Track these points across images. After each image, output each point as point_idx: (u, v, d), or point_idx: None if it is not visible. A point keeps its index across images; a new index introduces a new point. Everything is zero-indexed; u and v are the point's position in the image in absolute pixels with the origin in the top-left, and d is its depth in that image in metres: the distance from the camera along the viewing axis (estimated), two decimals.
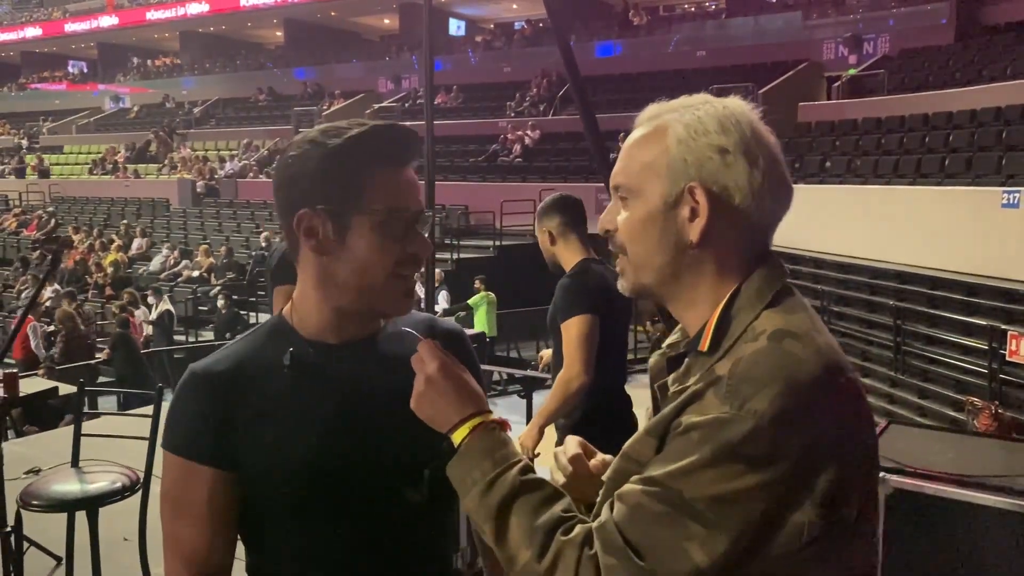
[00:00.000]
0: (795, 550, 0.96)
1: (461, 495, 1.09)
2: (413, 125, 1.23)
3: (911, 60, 16.19)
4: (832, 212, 11.27)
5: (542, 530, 1.01)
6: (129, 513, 3.28)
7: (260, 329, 1.29)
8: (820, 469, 0.95)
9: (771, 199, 1.06)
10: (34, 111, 32.55)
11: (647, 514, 0.96)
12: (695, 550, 0.94)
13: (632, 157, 1.11)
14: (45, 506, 2.87)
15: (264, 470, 1.19)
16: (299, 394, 1.20)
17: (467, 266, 13.89)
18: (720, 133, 1.05)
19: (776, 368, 0.96)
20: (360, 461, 1.20)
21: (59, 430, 6.26)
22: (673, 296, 1.11)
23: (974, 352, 8.14)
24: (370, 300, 1.21)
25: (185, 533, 1.20)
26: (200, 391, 1.20)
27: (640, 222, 1.09)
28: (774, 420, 0.93)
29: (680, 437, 0.98)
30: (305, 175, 1.19)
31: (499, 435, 1.10)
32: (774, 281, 1.06)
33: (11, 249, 19.44)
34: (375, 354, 1.26)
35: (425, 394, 1.12)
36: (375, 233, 1.17)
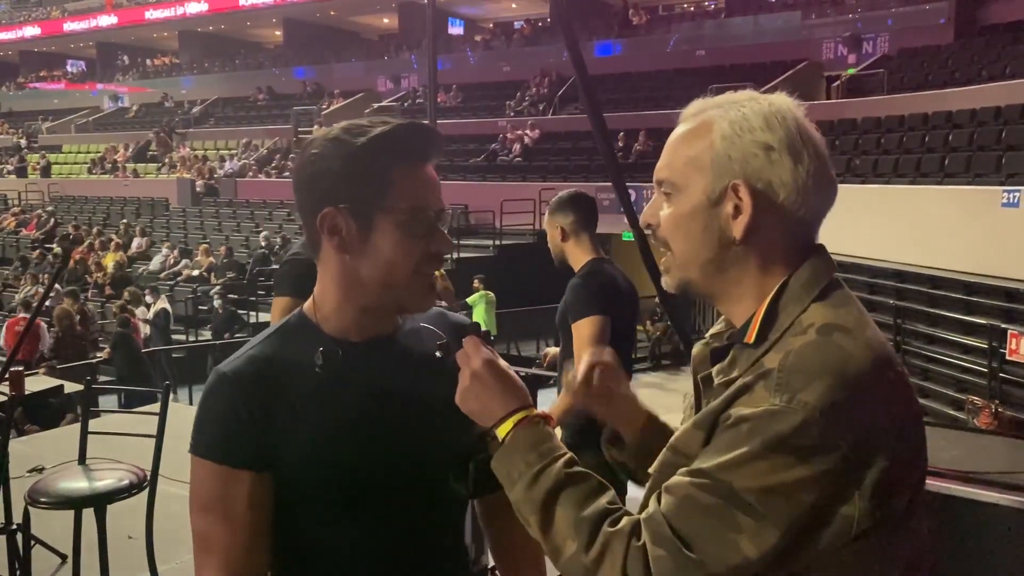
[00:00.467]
0: (844, 543, 0.96)
1: (507, 488, 1.09)
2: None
3: (910, 60, 16.21)
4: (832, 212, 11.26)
5: (588, 521, 1.01)
6: (132, 511, 3.28)
7: (283, 327, 1.27)
8: (869, 462, 0.95)
9: (816, 195, 1.07)
10: (33, 110, 32.53)
11: (696, 506, 0.97)
12: (745, 542, 0.95)
13: (676, 152, 1.11)
14: (53, 503, 2.87)
15: (300, 471, 1.18)
16: (330, 393, 1.20)
17: (467, 265, 13.88)
18: (765, 130, 1.05)
19: (826, 361, 0.96)
20: (392, 459, 1.20)
21: (60, 429, 6.25)
22: (718, 292, 1.11)
23: (974, 351, 8.16)
24: (395, 297, 1.21)
25: (222, 540, 1.17)
26: (232, 393, 1.18)
27: (684, 217, 1.09)
28: (824, 412, 0.94)
29: (730, 429, 0.98)
30: (328, 173, 1.18)
31: (543, 429, 1.11)
32: (822, 275, 1.07)
33: (10, 248, 19.41)
34: (397, 351, 1.26)
35: (471, 389, 1.13)
36: (399, 231, 1.18)
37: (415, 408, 1.22)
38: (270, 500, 1.19)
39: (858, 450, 0.95)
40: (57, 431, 6.11)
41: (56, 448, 4.94)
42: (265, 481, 1.18)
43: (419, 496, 1.23)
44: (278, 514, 1.21)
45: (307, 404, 1.19)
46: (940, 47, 16.17)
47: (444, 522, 1.29)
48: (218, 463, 1.17)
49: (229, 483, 1.17)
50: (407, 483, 1.22)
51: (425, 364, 1.20)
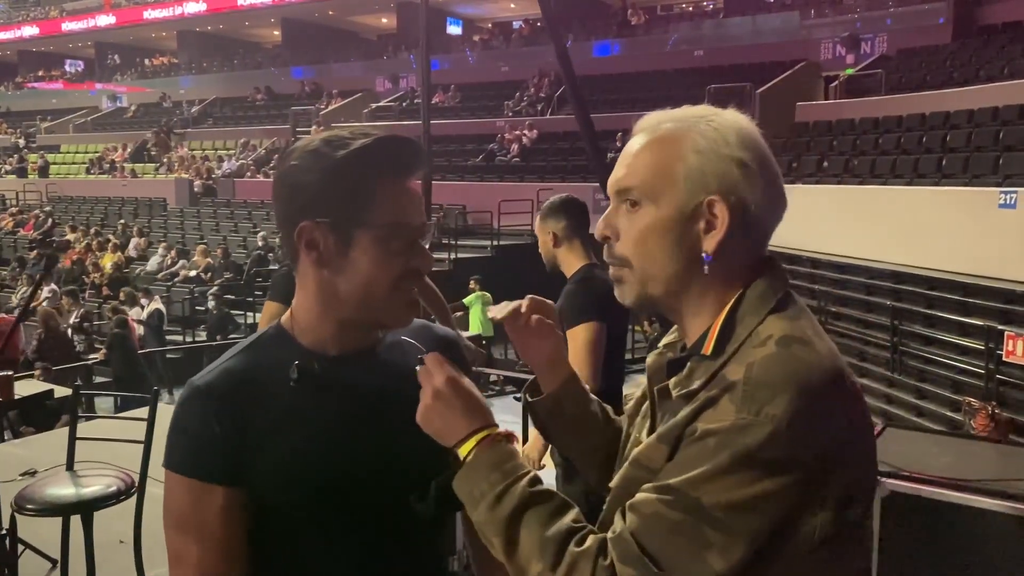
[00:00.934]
0: (808, 551, 0.97)
1: (469, 509, 1.08)
2: (411, 124, 1.22)
3: (908, 60, 16.21)
4: (829, 212, 11.27)
5: (553, 541, 1.00)
6: (126, 516, 3.26)
7: (259, 340, 1.25)
8: (834, 471, 0.96)
9: (774, 212, 1.09)
10: (31, 110, 32.50)
11: (664, 523, 0.96)
12: (713, 558, 0.94)
13: (642, 163, 1.09)
14: (39, 510, 2.85)
15: (274, 487, 1.16)
16: (306, 408, 1.18)
17: (464, 266, 13.87)
18: (740, 147, 1.05)
19: (789, 373, 0.96)
20: (368, 476, 1.19)
21: (55, 431, 6.23)
22: (679, 306, 1.10)
23: (971, 352, 8.15)
24: (373, 314, 1.19)
25: (196, 553, 1.16)
26: (204, 407, 1.16)
27: (651, 230, 1.07)
28: (790, 425, 0.93)
29: (696, 443, 0.97)
30: (307, 186, 1.16)
31: (506, 447, 1.09)
32: (778, 287, 1.07)
33: (8, 249, 19.39)
34: (376, 365, 1.24)
35: (433, 407, 1.11)
36: (378, 247, 1.15)
37: (392, 424, 1.20)
38: (244, 516, 1.17)
39: (823, 461, 0.96)
40: (51, 433, 6.09)
41: (50, 451, 4.92)
42: (238, 496, 1.16)
43: (396, 513, 1.21)
44: (253, 530, 1.19)
45: (282, 419, 1.17)
46: (938, 47, 16.16)
47: (422, 540, 1.26)
48: (191, 478, 1.16)
49: (202, 498, 1.15)
50: (383, 500, 1.20)
51: (405, 379, 1.18)
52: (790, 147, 14.75)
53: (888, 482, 2.57)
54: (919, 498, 2.52)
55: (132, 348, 10.16)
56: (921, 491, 2.52)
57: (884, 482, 2.58)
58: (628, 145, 1.13)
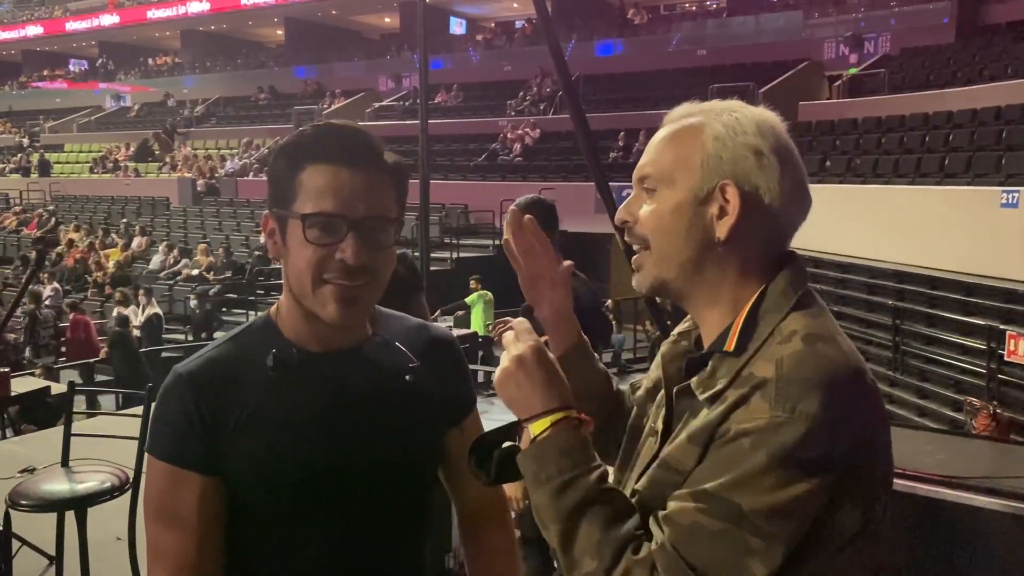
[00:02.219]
0: (839, 548, 0.97)
1: (531, 488, 1.05)
2: (413, 124, 1.20)
3: (912, 59, 16.18)
4: (831, 211, 11.24)
5: (612, 544, 0.99)
6: (122, 513, 3.27)
7: (246, 329, 1.26)
8: (864, 468, 0.97)
9: (795, 205, 1.08)
10: (35, 110, 32.58)
11: (705, 533, 0.95)
12: (755, 564, 0.94)
13: (663, 150, 1.10)
14: (34, 506, 2.86)
15: (249, 474, 1.16)
16: (283, 397, 1.18)
17: (466, 265, 13.87)
18: (757, 135, 1.06)
19: (820, 370, 0.96)
20: (342, 468, 1.19)
21: (55, 429, 6.23)
22: (693, 293, 1.10)
23: (973, 352, 8.14)
24: (308, 304, 1.18)
25: (172, 543, 1.16)
26: (185, 394, 1.17)
27: (668, 214, 1.08)
28: (825, 422, 0.93)
29: (729, 444, 0.96)
30: (268, 178, 1.20)
31: (581, 434, 1.06)
32: (798, 284, 1.07)
33: (11, 248, 19.45)
34: (360, 363, 1.23)
35: (513, 374, 1.07)
36: (301, 236, 1.14)
37: (371, 419, 1.20)
38: (221, 505, 1.18)
39: (855, 458, 0.95)
40: (51, 431, 6.10)
41: (49, 448, 4.92)
42: (216, 485, 1.17)
43: (371, 505, 1.21)
44: (230, 520, 1.19)
45: (259, 410, 1.17)
46: (942, 47, 16.14)
47: (398, 532, 1.26)
48: (169, 464, 1.17)
49: (180, 484, 1.16)
50: (358, 493, 1.20)
51: (388, 378, 1.17)
52: None
53: None
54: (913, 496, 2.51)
55: (133, 347, 10.19)
56: (916, 488, 2.51)
57: None
58: (654, 137, 1.14)
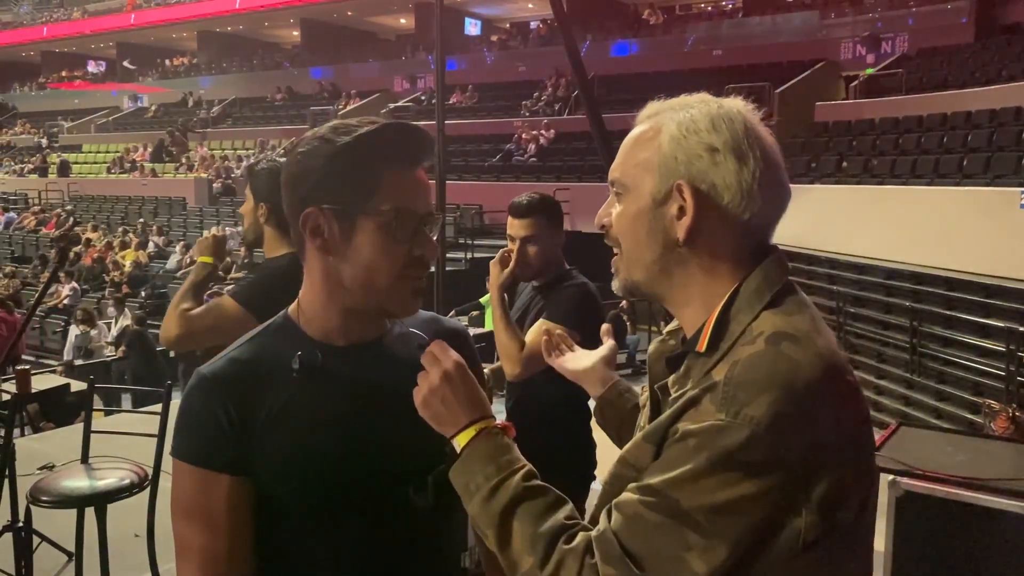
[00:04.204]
0: (793, 555, 0.95)
1: (464, 500, 1.08)
2: (427, 124, 1.22)
3: (930, 59, 16.06)
4: (848, 212, 11.19)
5: (545, 537, 1.01)
6: (140, 509, 3.29)
7: (267, 329, 1.26)
8: (818, 474, 0.94)
9: (763, 199, 1.05)
10: (54, 110, 32.85)
11: (645, 524, 0.96)
12: (694, 560, 0.94)
13: (628, 154, 1.11)
14: (54, 502, 2.88)
15: (277, 475, 1.16)
16: (309, 398, 1.18)
17: (481, 265, 13.87)
18: (711, 131, 1.04)
19: (773, 373, 0.94)
20: (371, 465, 1.19)
21: (74, 427, 6.29)
22: (665, 294, 1.11)
23: (991, 354, 8.06)
24: (377, 301, 1.19)
25: (203, 546, 1.16)
26: (210, 396, 1.16)
27: (630, 218, 1.09)
28: (770, 427, 0.92)
29: (677, 444, 0.97)
30: (313, 172, 1.16)
31: (503, 440, 1.09)
32: (774, 280, 1.05)
33: (30, 247, 19.62)
34: (383, 356, 1.24)
35: (438, 391, 1.11)
36: (381, 234, 1.15)
37: (397, 415, 1.19)
38: (250, 504, 1.17)
39: (806, 464, 0.93)
40: (70, 429, 6.16)
41: (68, 446, 4.96)
42: (244, 485, 1.16)
43: (399, 505, 1.20)
44: (259, 520, 1.19)
45: (285, 409, 1.17)
46: (960, 47, 16.00)
47: (427, 533, 1.26)
48: (197, 466, 1.16)
49: (209, 486, 1.16)
50: (386, 491, 1.20)
51: (410, 370, 1.17)
52: (809, 147, 14.64)
53: (903, 481, 2.54)
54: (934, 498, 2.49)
55: (150, 346, 10.24)
56: (935, 490, 2.50)
57: (899, 481, 2.55)
58: (627, 137, 1.14)
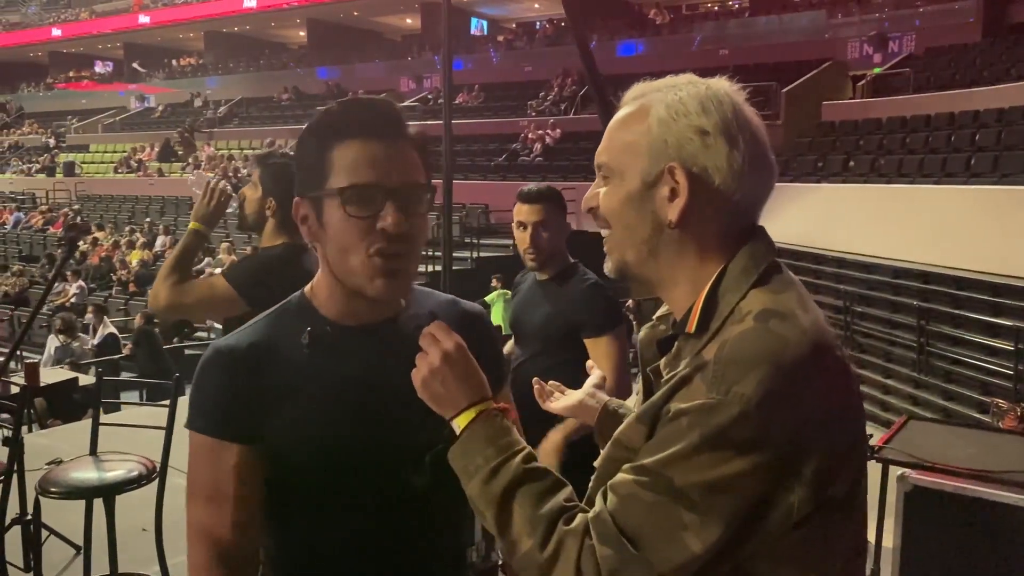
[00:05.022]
0: (786, 530, 0.96)
1: (463, 481, 1.09)
2: (435, 124, 1.21)
3: (937, 59, 16.00)
4: (856, 212, 11.16)
5: (544, 519, 1.01)
6: (146, 504, 3.30)
7: (283, 308, 1.28)
8: (809, 450, 0.95)
9: (752, 179, 1.06)
10: (61, 110, 32.97)
11: (640, 503, 0.97)
12: (690, 537, 0.94)
13: (614, 137, 1.11)
14: (63, 493, 2.90)
15: (287, 447, 1.17)
16: (319, 373, 1.19)
17: (487, 264, 13.90)
18: (701, 114, 1.05)
19: (761, 350, 0.95)
20: (374, 444, 1.19)
21: (81, 423, 6.31)
22: (653, 276, 1.11)
23: (999, 353, 8.03)
24: (353, 283, 1.18)
25: (212, 517, 1.17)
26: (224, 368, 1.18)
27: (619, 201, 1.09)
28: (760, 404, 0.93)
29: (669, 424, 0.98)
30: (297, 163, 1.21)
31: (503, 422, 1.10)
32: (760, 259, 1.05)
33: (38, 246, 19.70)
34: (394, 337, 1.24)
35: (438, 372, 1.10)
36: (339, 213, 1.15)
37: (403, 395, 1.19)
38: (260, 476, 1.18)
39: (796, 439, 0.94)
40: (76, 425, 6.17)
41: (75, 441, 4.98)
42: (255, 456, 1.18)
43: (406, 484, 1.21)
44: (267, 495, 1.20)
45: (295, 384, 1.19)
46: (967, 46, 15.95)
47: (430, 517, 1.25)
48: (209, 436, 1.18)
49: (220, 457, 1.17)
50: (389, 471, 1.20)
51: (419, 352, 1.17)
52: (816, 146, 14.61)
53: (911, 476, 2.53)
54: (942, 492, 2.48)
55: (158, 344, 10.26)
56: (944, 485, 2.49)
57: (908, 476, 2.54)
58: (612, 118, 1.14)
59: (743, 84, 1.17)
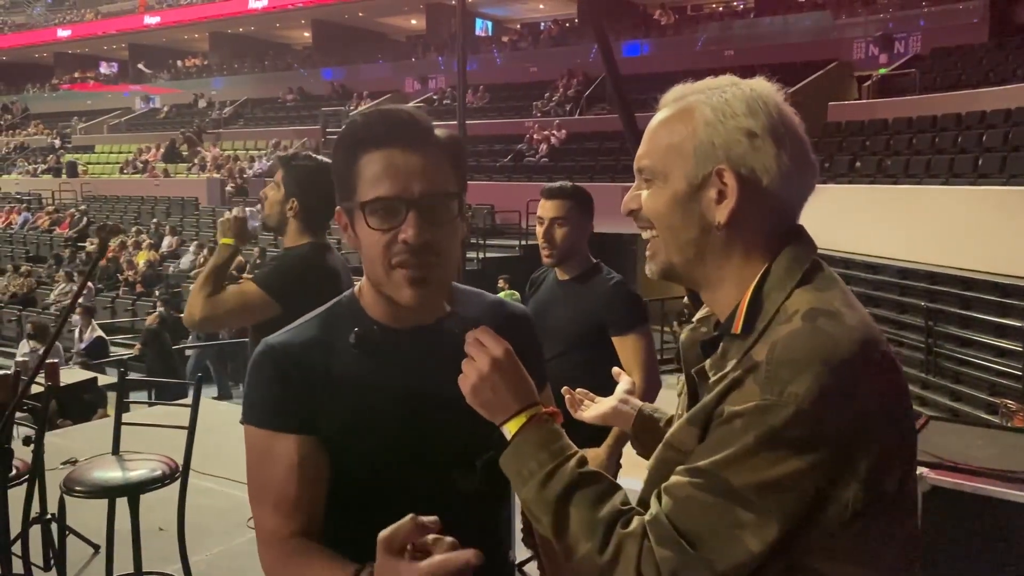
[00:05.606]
0: (841, 526, 0.97)
1: (516, 487, 1.10)
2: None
3: (943, 59, 15.99)
4: (862, 212, 11.15)
5: (603, 523, 1.02)
6: (162, 505, 3.32)
7: (332, 308, 1.29)
8: (862, 446, 0.96)
9: (798, 179, 1.07)
10: (67, 111, 33.02)
11: (697, 505, 0.98)
12: (748, 537, 0.95)
13: (658, 139, 1.11)
14: (88, 492, 2.92)
15: (335, 444, 1.19)
16: (366, 371, 1.21)
17: (493, 265, 13.89)
18: (748, 116, 1.06)
19: (812, 350, 0.96)
20: (419, 446, 1.21)
21: (93, 423, 6.34)
22: (699, 277, 1.12)
23: (1008, 354, 8.03)
24: (384, 290, 1.21)
25: (272, 513, 1.19)
26: (277, 362, 1.20)
27: (664, 203, 1.09)
28: (814, 403, 0.94)
29: (723, 426, 0.99)
30: (333, 173, 1.23)
31: (553, 427, 1.11)
32: (803, 258, 1.06)
33: (44, 247, 19.74)
34: (438, 339, 1.25)
35: (488, 377, 1.11)
36: (366, 224, 1.17)
37: (448, 398, 1.21)
38: (317, 464, 1.19)
39: (850, 436, 0.95)
40: (89, 425, 6.20)
41: (89, 441, 5.00)
42: (313, 445, 1.19)
43: (438, 489, 1.22)
44: None
45: (344, 382, 1.20)
46: (974, 46, 15.93)
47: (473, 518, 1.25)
48: (267, 429, 1.20)
49: (278, 449, 1.19)
50: (433, 474, 1.22)
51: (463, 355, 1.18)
52: (822, 147, 14.60)
53: (929, 476, 2.53)
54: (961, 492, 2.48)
55: (167, 345, 10.30)
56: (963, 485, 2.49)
57: (926, 476, 2.54)
58: (651, 121, 1.14)
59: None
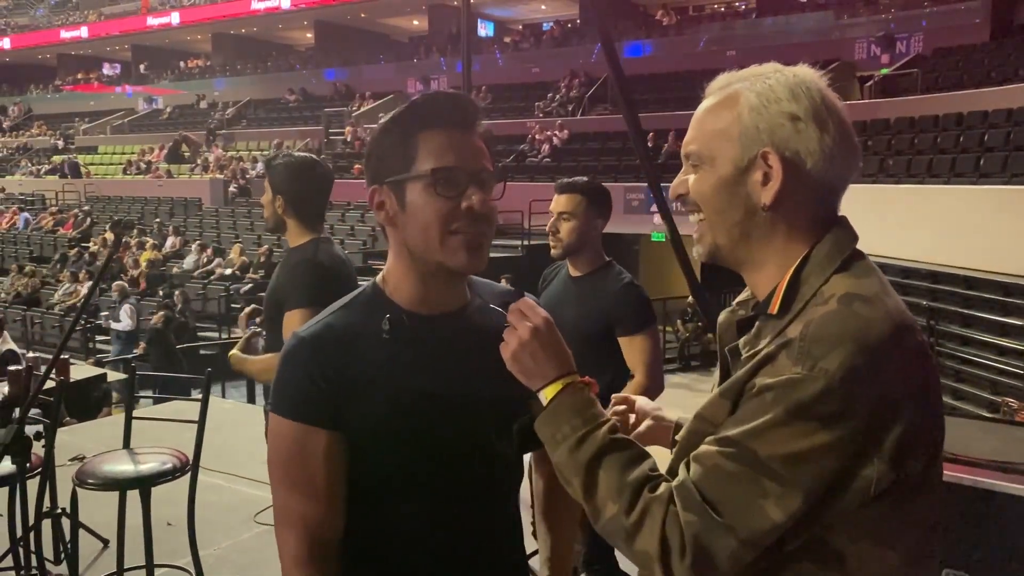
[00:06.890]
0: (865, 503, 1.00)
1: (550, 449, 1.13)
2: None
3: (945, 59, 16.01)
4: (864, 211, 11.10)
5: (631, 486, 1.05)
6: (170, 499, 3.35)
7: (357, 298, 1.32)
8: (888, 425, 0.99)
9: (842, 162, 1.10)
10: (70, 112, 33.07)
11: (723, 473, 1.00)
12: (771, 507, 0.98)
13: (704, 125, 1.15)
14: (100, 484, 2.95)
15: (369, 436, 1.22)
16: (399, 359, 1.24)
17: (496, 265, 13.92)
18: (791, 100, 1.09)
19: (846, 329, 0.99)
20: (455, 431, 1.24)
21: (100, 420, 6.39)
22: (743, 258, 1.15)
23: (1009, 352, 8.05)
24: (437, 260, 1.24)
25: (300, 501, 1.21)
26: (309, 355, 1.22)
27: (711, 187, 1.13)
28: (844, 379, 0.96)
29: (754, 398, 1.01)
30: (371, 156, 1.27)
31: (588, 394, 1.15)
32: (844, 246, 1.10)
33: (48, 247, 19.78)
34: (465, 325, 1.30)
35: (527, 346, 1.15)
36: (426, 194, 1.21)
37: (479, 382, 1.25)
38: (344, 460, 1.23)
39: (877, 415, 0.98)
40: (96, 422, 6.24)
41: (96, 438, 5.05)
42: (340, 441, 1.22)
43: (480, 469, 1.27)
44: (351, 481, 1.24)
45: (377, 370, 1.23)
46: (975, 46, 15.96)
47: (502, 494, 1.33)
48: (295, 420, 1.22)
49: (306, 439, 1.21)
50: (469, 455, 1.25)
51: (491, 339, 1.22)
52: None
53: None
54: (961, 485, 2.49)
55: (171, 344, 10.34)
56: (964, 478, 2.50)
57: None
58: (697, 108, 1.18)
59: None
